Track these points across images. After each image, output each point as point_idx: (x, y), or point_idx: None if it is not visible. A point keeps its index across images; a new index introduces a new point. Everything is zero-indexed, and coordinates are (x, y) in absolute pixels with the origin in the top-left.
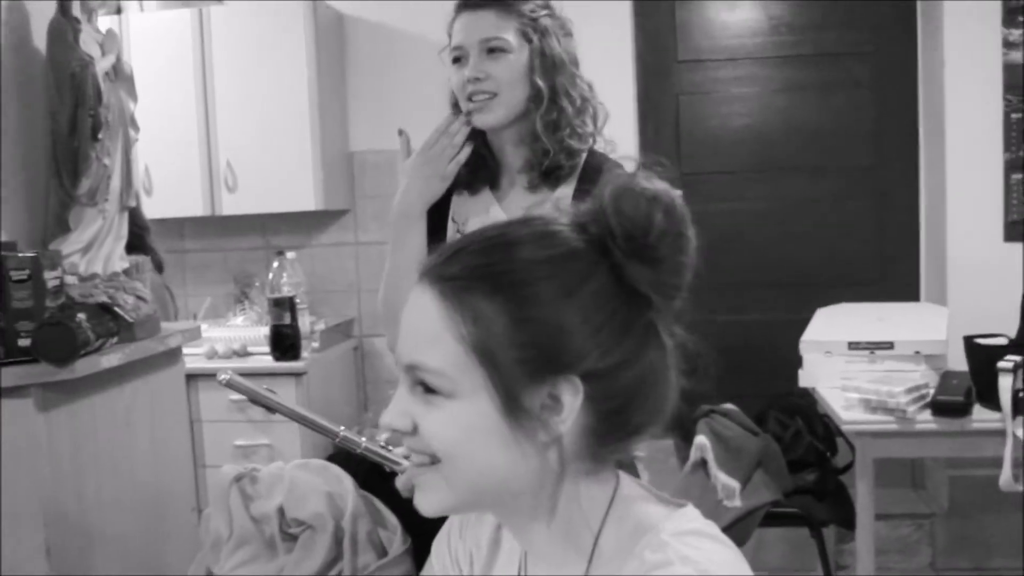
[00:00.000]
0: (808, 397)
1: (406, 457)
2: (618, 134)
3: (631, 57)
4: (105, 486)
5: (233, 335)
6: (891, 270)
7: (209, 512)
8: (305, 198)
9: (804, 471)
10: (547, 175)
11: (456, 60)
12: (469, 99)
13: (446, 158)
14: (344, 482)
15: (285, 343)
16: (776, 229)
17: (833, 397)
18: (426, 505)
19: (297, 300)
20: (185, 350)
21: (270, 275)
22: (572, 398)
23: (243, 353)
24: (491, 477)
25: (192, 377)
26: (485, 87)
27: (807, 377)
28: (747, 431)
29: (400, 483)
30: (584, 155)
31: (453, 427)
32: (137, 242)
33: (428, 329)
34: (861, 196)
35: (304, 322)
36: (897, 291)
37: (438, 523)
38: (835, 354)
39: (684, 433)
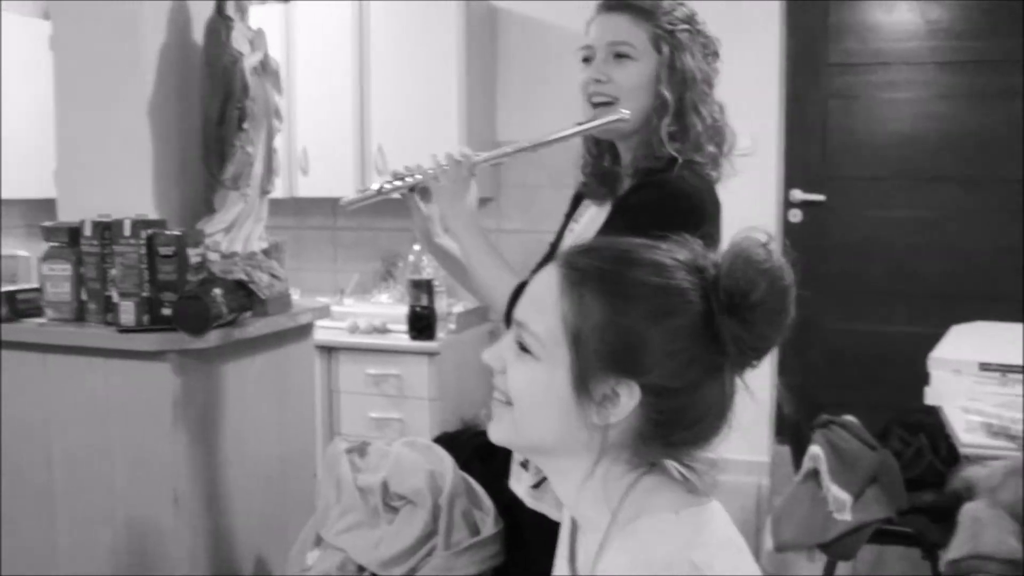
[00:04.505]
0: (935, 415)
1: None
2: (762, 135)
3: (779, 57)
4: (232, 447)
5: (375, 311)
6: None
7: (322, 479)
8: None
9: (922, 491)
10: None
11: (585, 59)
12: (589, 100)
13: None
14: (445, 462)
15: (420, 323)
16: (920, 239)
17: (957, 417)
18: (494, 434)
19: (436, 283)
20: (328, 324)
21: (411, 257)
22: (628, 399)
23: (383, 329)
24: (544, 433)
25: (333, 350)
26: (605, 90)
27: (934, 395)
28: (864, 444)
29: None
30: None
31: (531, 382)
32: None
33: (543, 300)
34: (1012, 210)
35: (442, 304)
36: None
37: (527, 508)
38: (964, 374)
39: (800, 442)
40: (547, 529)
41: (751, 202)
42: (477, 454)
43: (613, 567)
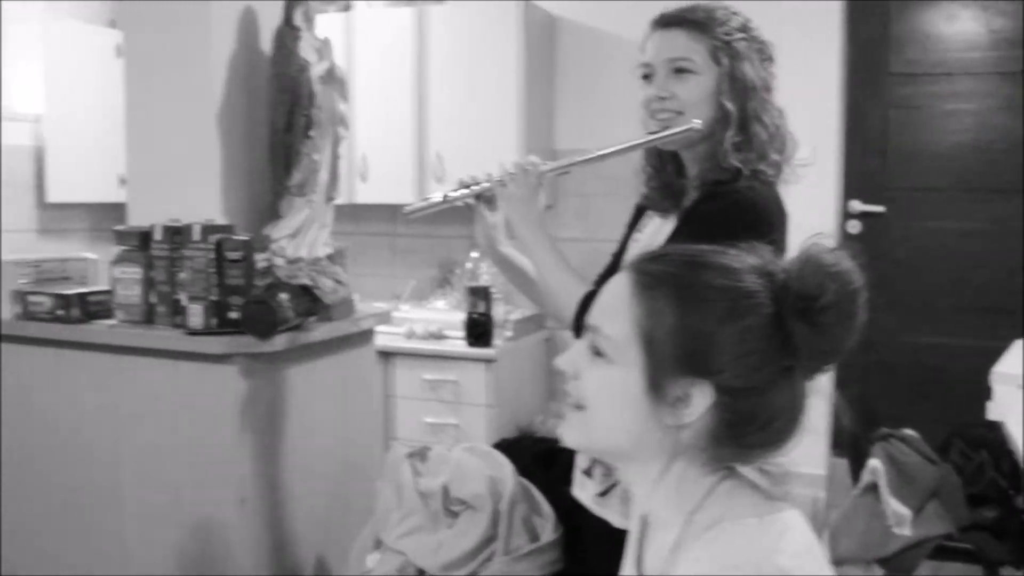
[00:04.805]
0: (997, 430)
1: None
2: (821, 145)
3: (839, 67)
4: (296, 450)
5: (432, 317)
6: None
7: (383, 483)
8: None
9: (984, 507)
10: None
11: (645, 77)
12: (653, 117)
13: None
14: (505, 468)
15: (477, 330)
16: (981, 251)
17: (1020, 433)
18: (566, 438)
19: (493, 290)
20: (385, 329)
21: (468, 264)
22: (701, 400)
23: (439, 336)
24: (617, 435)
25: (391, 355)
26: (669, 106)
27: (996, 410)
28: (925, 459)
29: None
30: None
31: (603, 386)
32: None
33: (615, 305)
34: None
35: (499, 311)
36: None
37: (588, 515)
38: None
39: (859, 455)
40: (608, 536)
41: (809, 212)
42: (537, 460)
43: (696, 569)
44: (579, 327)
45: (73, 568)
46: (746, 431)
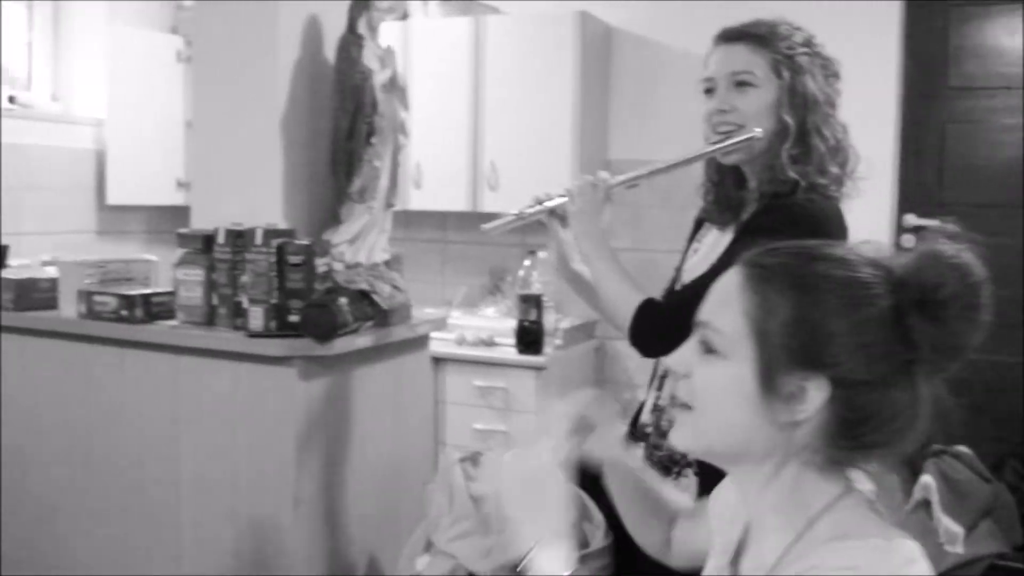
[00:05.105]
0: None
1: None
2: (877, 158)
3: (897, 81)
4: (350, 452)
5: (483, 324)
6: None
7: (434, 487)
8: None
9: None
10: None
11: (707, 91)
12: (714, 130)
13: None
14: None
15: (528, 338)
16: None
17: None
18: (677, 440)
19: (544, 298)
20: (436, 335)
21: (520, 272)
22: (817, 394)
23: (490, 342)
24: (730, 434)
25: (441, 360)
26: (730, 119)
27: None
28: (978, 477)
29: None
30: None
31: (715, 382)
32: None
33: (726, 299)
34: None
35: (549, 319)
36: None
37: None
38: None
39: (911, 471)
40: None
41: (864, 226)
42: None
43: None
44: (636, 335)
45: (129, 565)
46: (863, 430)
